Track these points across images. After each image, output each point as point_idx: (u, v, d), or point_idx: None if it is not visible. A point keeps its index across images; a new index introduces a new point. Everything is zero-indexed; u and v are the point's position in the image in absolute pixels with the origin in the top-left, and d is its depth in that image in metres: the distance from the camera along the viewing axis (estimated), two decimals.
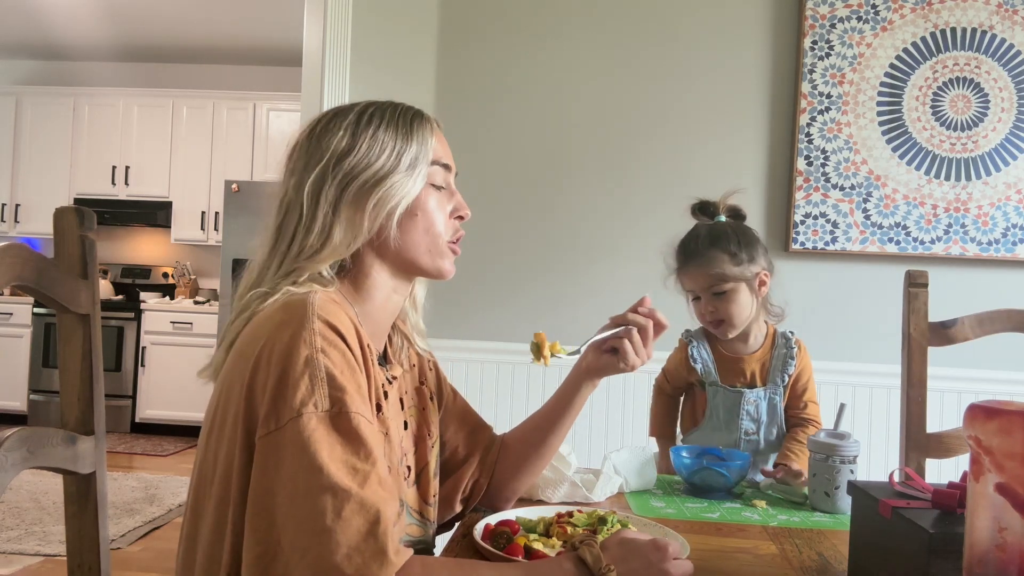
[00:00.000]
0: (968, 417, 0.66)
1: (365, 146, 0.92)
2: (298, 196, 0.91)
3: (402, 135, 0.94)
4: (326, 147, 0.92)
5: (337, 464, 0.75)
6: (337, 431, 0.76)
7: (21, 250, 0.86)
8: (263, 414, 0.77)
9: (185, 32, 5.26)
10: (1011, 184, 2.37)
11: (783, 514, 1.25)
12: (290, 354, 0.78)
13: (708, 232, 1.58)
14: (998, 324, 1.52)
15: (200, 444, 0.86)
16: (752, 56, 2.47)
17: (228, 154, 5.59)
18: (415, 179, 0.94)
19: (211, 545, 0.80)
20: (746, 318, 1.57)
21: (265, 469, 0.75)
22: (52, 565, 2.89)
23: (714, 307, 1.55)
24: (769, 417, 1.60)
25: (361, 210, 0.91)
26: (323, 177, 0.91)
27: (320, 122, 0.96)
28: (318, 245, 0.89)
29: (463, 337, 2.52)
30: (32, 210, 5.69)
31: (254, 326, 0.84)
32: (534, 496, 1.25)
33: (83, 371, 0.99)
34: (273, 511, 0.74)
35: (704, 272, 1.54)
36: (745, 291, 1.56)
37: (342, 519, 0.72)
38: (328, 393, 0.77)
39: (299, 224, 0.90)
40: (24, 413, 5.30)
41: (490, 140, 2.54)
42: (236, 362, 0.82)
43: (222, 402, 0.82)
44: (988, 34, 2.38)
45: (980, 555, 0.66)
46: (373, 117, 0.95)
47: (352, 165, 0.91)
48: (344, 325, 0.83)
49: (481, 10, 2.56)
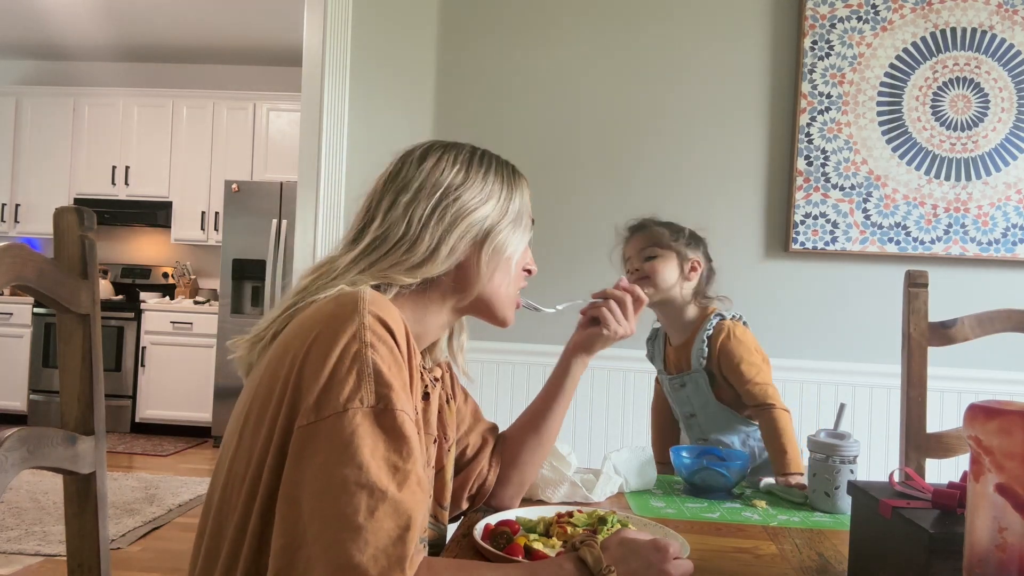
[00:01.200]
0: (968, 417, 0.66)
1: (478, 184, 0.99)
2: (405, 213, 0.95)
3: (508, 184, 1.02)
4: (440, 175, 0.98)
5: (379, 462, 0.75)
6: (381, 428, 0.76)
7: (21, 250, 0.86)
8: (307, 405, 0.77)
9: (185, 32, 5.26)
10: (1011, 184, 2.37)
11: (783, 514, 1.25)
12: (340, 347, 0.78)
13: (664, 220, 1.71)
14: (998, 324, 1.52)
15: (228, 442, 0.85)
16: (752, 56, 2.47)
17: (228, 154, 5.59)
18: (523, 232, 1.03)
19: (235, 543, 0.80)
20: (667, 287, 1.63)
21: (300, 459, 0.75)
22: (52, 565, 2.89)
23: (640, 266, 1.65)
24: (701, 399, 1.63)
25: (469, 244, 0.97)
26: (438, 204, 0.96)
27: (434, 148, 1.02)
28: (418, 261, 0.94)
29: None
30: (32, 210, 5.69)
31: (303, 319, 0.84)
32: (534, 496, 1.25)
33: (83, 371, 0.99)
34: (303, 501, 0.73)
35: (644, 236, 1.67)
36: (674, 263, 1.64)
37: (375, 519, 0.72)
38: (375, 389, 0.77)
39: (402, 239, 0.94)
40: (24, 413, 5.30)
41: (490, 140, 2.51)
42: (282, 357, 0.82)
43: (261, 397, 0.82)
44: (988, 34, 2.38)
45: (980, 555, 0.66)
46: (483, 160, 1.02)
47: (466, 199, 0.97)
48: (395, 320, 0.83)
49: (481, 10, 2.56)
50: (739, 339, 1.59)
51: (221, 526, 0.82)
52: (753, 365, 1.57)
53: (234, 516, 0.81)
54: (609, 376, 2.46)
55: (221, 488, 0.84)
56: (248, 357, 0.92)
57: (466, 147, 1.04)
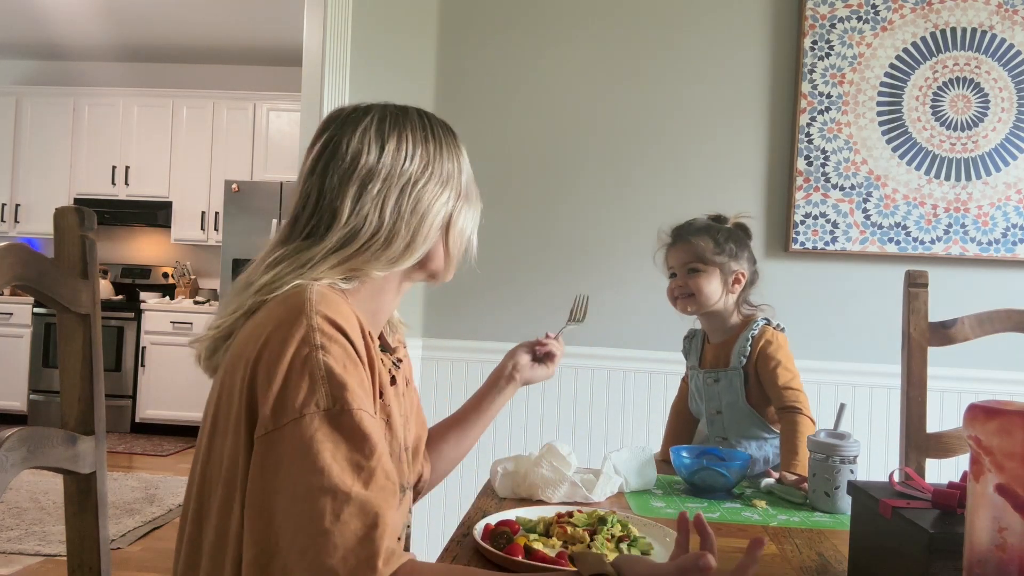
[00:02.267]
0: (968, 417, 0.66)
1: (438, 169, 0.96)
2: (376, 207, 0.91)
3: (455, 157, 0.99)
4: (404, 163, 0.94)
5: (341, 464, 0.75)
6: (339, 430, 0.76)
7: (21, 250, 0.86)
8: (263, 415, 0.76)
9: (185, 32, 5.26)
10: (1011, 184, 2.37)
11: (783, 514, 1.25)
12: (290, 352, 0.78)
13: (705, 221, 1.70)
14: (998, 324, 1.52)
15: (201, 446, 0.85)
16: (752, 56, 2.47)
17: (228, 154, 5.59)
18: (475, 205, 1.02)
19: (215, 548, 0.80)
20: (711, 303, 1.64)
21: (264, 469, 0.75)
22: (52, 565, 2.89)
23: (684, 282, 1.64)
24: (731, 397, 1.64)
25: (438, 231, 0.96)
26: (408, 195, 0.93)
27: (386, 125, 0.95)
28: (395, 256, 0.92)
29: (463, 337, 2.52)
30: (32, 210, 5.69)
31: (253, 324, 0.84)
32: (534, 496, 1.25)
33: (83, 371, 0.99)
34: (272, 511, 0.74)
35: (687, 249, 1.65)
36: (717, 278, 1.64)
37: (340, 521, 0.72)
38: (329, 391, 0.77)
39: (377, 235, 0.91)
40: (24, 413, 5.31)
41: (490, 140, 2.54)
42: (236, 363, 0.81)
43: (224, 403, 0.82)
44: (988, 34, 2.38)
45: (980, 555, 0.66)
46: (434, 135, 0.98)
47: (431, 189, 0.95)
48: (344, 317, 0.82)
49: (481, 10, 2.56)
50: (779, 345, 1.61)
51: (201, 529, 0.82)
52: (789, 371, 1.59)
53: (212, 521, 0.81)
54: (609, 376, 2.46)
55: (196, 495, 0.84)
56: (215, 360, 0.90)
57: (412, 115, 0.98)
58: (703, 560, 0.68)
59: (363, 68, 2.44)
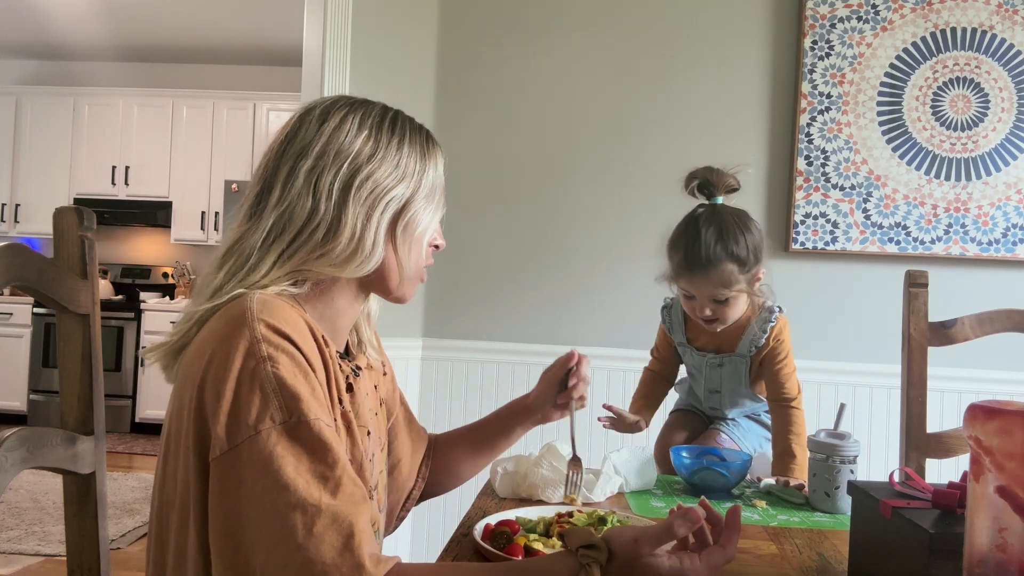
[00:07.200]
0: (968, 417, 0.66)
1: (391, 156, 0.89)
2: (308, 183, 0.86)
3: (422, 154, 0.93)
4: (344, 138, 0.88)
5: (305, 477, 0.72)
6: (299, 442, 0.73)
7: (21, 250, 0.86)
8: (216, 435, 0.73)
9: (185, 32, 5.26)
10: (1011, 184, 2.37)
11: (783, 514, 1.25)
12: (236, 368, 0.74)
13: (715, 235, 1.48)
14: (998, 324, 1.52)
15: (158, 468, 0.82)
16: (752, 56, 2.47)
17: (228, 154, 5.59)
18: (435, 207, 0.94)
19: (176, 572, 0.77)
20: (738, 316, 1.58)
21: (224, 491, 0.72)
22: (52, 565, 2.89)
23: (712, 309, 1.53)
24: (735, 382, 1.65)
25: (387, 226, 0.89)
26: (349, 178, 0.87)
27: (338, 106, 0.91)
28: (343, 253, 0.86)
29: (463, 337, 2.52)
30: (32, 210, 5.69)
31: (199, 339, 0.80)
32: (534, 496, 1.25)
33: (83, 371, 0.99)
34: (239, 533, 0.71)
35: (710, 280, 1.49)
36: (743, 295, 1.55)
37: (314, 535, 0.70)
38: (283, 404, 0.74)
39: (312, 218, 0.85)
40: (24, 413, 5.30)
41: (490, 139, 2.54)
42: (183, 382, 0.78)
43: (174, 424, 0.78)
44: (988, 34, 2.38)
45: (980, 555, 0.66)
46: (395, 125, 0.92)
47: (380, 175, 0.88)
48: (289, 322, 0.79)
49: (481, 10, 2.56)
50: (787, 334, 1.61)
51: (163, 553, 0.80)
52: (791, 363, 1.60)
53: (170, 544, 0.78)
54: (609, 376, 2.46)
55: (155, 519, 0.81)
56: (173, 371, 0.85)
57: (376, 107, 0.93)
58: (692, 513, 0.76)
59: (363, 68, 2.44)
